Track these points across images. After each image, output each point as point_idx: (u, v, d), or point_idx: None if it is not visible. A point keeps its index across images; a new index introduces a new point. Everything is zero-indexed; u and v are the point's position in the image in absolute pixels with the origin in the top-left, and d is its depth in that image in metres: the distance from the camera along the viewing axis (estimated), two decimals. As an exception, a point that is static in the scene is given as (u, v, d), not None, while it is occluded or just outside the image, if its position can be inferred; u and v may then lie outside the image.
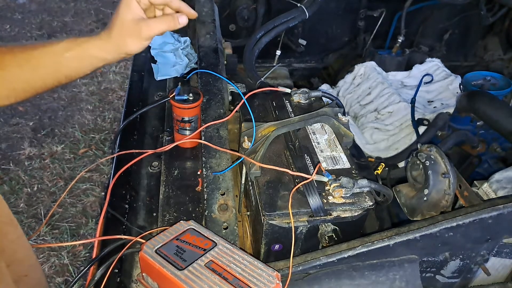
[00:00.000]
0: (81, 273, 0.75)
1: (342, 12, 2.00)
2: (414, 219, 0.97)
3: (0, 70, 0.68)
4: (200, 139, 0.95)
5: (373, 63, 1.77)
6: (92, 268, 0.75)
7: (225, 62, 1.40)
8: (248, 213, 0.97)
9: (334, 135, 0.96)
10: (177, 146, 1.04)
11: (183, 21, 0.72)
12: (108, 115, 2.71)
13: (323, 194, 0.81)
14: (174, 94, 0.99)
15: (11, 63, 0.68)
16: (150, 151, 1.00)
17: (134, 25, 0.70)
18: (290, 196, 0.78)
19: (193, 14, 0.76)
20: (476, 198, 0.94)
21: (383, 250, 0.72)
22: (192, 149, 1.06)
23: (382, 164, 1.32)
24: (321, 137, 0.96)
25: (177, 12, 0.75)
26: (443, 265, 0.84)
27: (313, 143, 0.93)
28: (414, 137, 1.42)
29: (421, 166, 0.96)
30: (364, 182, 0.81)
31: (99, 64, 0.73)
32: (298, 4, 1.57)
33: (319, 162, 0.88)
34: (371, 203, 0.81)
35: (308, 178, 0.80)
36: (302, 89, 1.08)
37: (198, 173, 0.99)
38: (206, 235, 0.71)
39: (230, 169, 0.88)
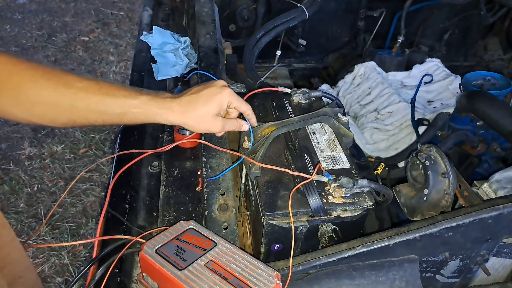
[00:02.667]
0: (81, 273, 0.75)
1: (342, 12, 2.00)
2: (414, 219, 0.97)
3: (65, 97, 0.65)
4: (200, 139, 0.95)
5: (373, 63, 1.77)
6: (92, 268, 0.75)
7: (225, 62, 1.40)
8: (248, 213, 0.97)
9: (334, 135, 0.96)
10: (177, 146, 1.04)
11: (245, 128, 0.86)
12: (108, 115, 2.71)
13: (323, 194, 0.81)
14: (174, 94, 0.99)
15: (66, 95, 0.66)
16: (150, 151, 1.00)
17: (213, 120, 0.77)
18: (290, 196, 0.78)
19: (254, 123, 0.89)
20: (476, 198, 0.94)
21: (383, 250, 0.72)
22: (192, 149, 1.06)
23: (382, 164, 1.32)
24: (321, 137, 0.96)
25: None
26: (443, 265, 0.84)
27: (313, 143, 0.93)
28: (414, 137, 1.42)
29: (421, 166, 0.96)
30: (364, 182, 0.81)
31: (152, 122, 0.74)
32: (298, 4, 1.57)
33: (319, 162, 0.88)
34: (371, 203, 0.81)
35: (308, 178, 0.80)
36: (302, 89, 1.08)
37: (198, 173, 0.99)
38: (206, 235, 0.71)
39: (225, 172, 0.88)
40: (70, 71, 0.69)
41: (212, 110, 0.76)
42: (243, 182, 0.94)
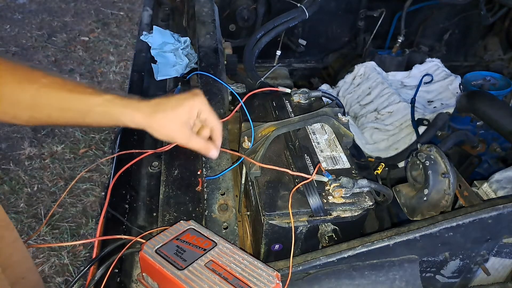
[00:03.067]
0: (81, 273, 0.75)
1: (342, 12, 2.00)
2: (414, 219, 0.97)
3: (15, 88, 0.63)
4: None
5: (373, 63, 1.77)
6: (92, 268, 0.75)
7: (225, 62, 1.40)
8: (248, 213, 0.97)
9: (334, 135, 0.96)
10: (177, 146, 1.03)
11: (213, 155, 0.77)
12: (108, 115, 2.71)
13: (323, 194, 0.81)
14: (174, 94, 0.99)
15: (29, 90, 0.63)
16: (150, 151, 1.00)
17: (180, 127, 0.71)
18: (290, 196, 0.78)
19: (217, 148, 0.79)
20: (476, 198, 0.94)
21: (383, 250, 0.72)
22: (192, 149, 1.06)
23: (382, 164, 1.32)
24: (321, 137, 0.96)
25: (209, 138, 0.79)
26: (443, 265, 0.84)
27: (313, 143, 0.93)
28: (414, 137, 1.42)
29: (421, 166, 0.96)
30: (364, 182, 0.81)
31: (117, 125, 0.70)
32: (298, 4, 1.57)
33: (319, 162, 0.88)
34: (371, 203, 0.81)
35: (308, 178, 0.80)
36: (302, 89, 1.08)
37: (198, 173, 0.99)
38: (206, 235, 0.71)
39: (225, 172, 0.87)
40: (40, 68, 0.67)
41: (181, 115, 0.71)
42: (243, 182, 0.94)
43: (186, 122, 0.72)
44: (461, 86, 1.51)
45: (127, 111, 0.68)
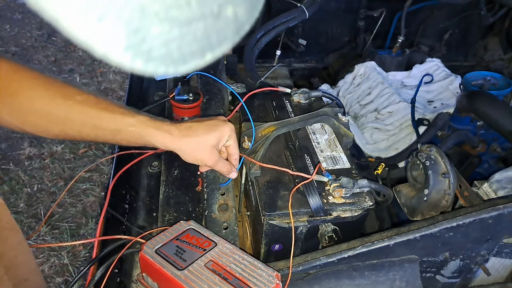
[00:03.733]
0: (81, 273, 0.75)
1: (342, 12, 2.00)
2: (414, 219, 0.96)
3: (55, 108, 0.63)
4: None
5: (373, 63, 1.77)
6: (92, 268, 0.75)
7: (225, 62, 1.40)
8: (248, 213, 0.97)
9: (334, 135, 0.96)
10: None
11: (233, 176, 0.81)
12: (108, 115, 2.71)
13: (323, 194, 0.81)
14: (174, 94, 0.99)
15: (63, 106, 0.64)
16: (150, 151, 1.00)
17: (210, 151, 0.74)
18: (290, 196, 0.78)
19: (235, 176, 0.83)
20: (476, 198, 0.94)
21: (383, 250, 0.72)
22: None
23: (382, 164, 1.32)
24: (321, 137, 0.96)
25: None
26: (443, 265, 0.84)
27: (313, 143, 0.93)
28: (414, 137, 1.42)
29: (421, 166, 0.96)
30: (364, 182, 0.81)
31: (146, 145, 0.72)
32: (298, 4, 1.57)
33: (319, 162, 0.88)
34: (371, 203, 0.81)
35: (308, 178, 0.80)
36: (302, 89, 1.08)
37: (198, 173, 0.99)
38: (206, 235, 0.71)
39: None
40: (72, 83, 0.68)
41: (212, 139, 0.73)
42: (243, 182, 0.94)
43: (215, 146, 0.75)
44: (461, 86, 1.51)
45: (158, 133, 0.69)
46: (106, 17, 0.22)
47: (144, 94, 1.26)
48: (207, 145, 0.73)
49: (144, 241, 0.72)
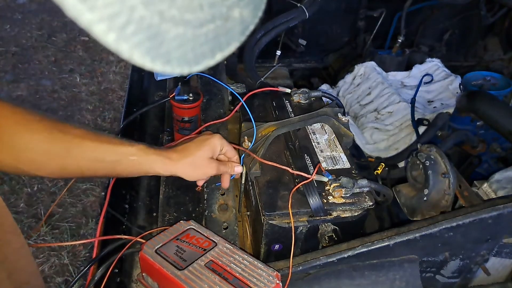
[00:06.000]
0: (81, 273, 0.75)
1: (342, 12, 2.00)
2: (414, 219, 0.97)
3: (54, 144, 0.62)
4: None
5: (373, 63, 1.77)
6: (92, 268, 0.75)
7: (225, 62, 1.40)
8: (248, 213, 0.97)
9: (334, 135, 0.96)
10: (177, 146, 1.03)
11: (238, 170, 0.83)
12: (108, 115, 2.71)
13: (323, 194, 0.81)
14: (174, 94, 0.99)
15: (61, 140, 0.63)
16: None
17: (208, 163, 0.76)
18: (290, 196, 0.78)
19: (240, 170, 0.84)
20: (476, 198, 0.94)
21: (383, 250, 0.72)
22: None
23: (382, 164, 1.32)
24: (321, 137, 0.96)
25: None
26: (443, 265, 0.84)
27: (313, 143, 0.93)
28: (414, 137, 1.42)
29: (421, 166, 0.96)
30: (364, 182, 0.81)
31: (147, 174, 0.73)
32: (298, 4, 1.57)
33: (319, 162, 0.88)
34: (371, 203, 0.81)
35: (308, 178, 0.80)
36: (302, 89, 1.08)
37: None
38: (206, 235, 0.71)
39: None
40: (64, 120, 0.67)
41: (206, 152, 0.76)
42: (243, 182, 0.94)
43: (211, 156, 0.77)
44: (461, 86, 1.51)
45: (160, 159, 0.70)
46: (129, 25, 0.24)
47: (144, 94, 1.26)
48: (204, 159, 0.75)
49: (144, 241, 0.72)
